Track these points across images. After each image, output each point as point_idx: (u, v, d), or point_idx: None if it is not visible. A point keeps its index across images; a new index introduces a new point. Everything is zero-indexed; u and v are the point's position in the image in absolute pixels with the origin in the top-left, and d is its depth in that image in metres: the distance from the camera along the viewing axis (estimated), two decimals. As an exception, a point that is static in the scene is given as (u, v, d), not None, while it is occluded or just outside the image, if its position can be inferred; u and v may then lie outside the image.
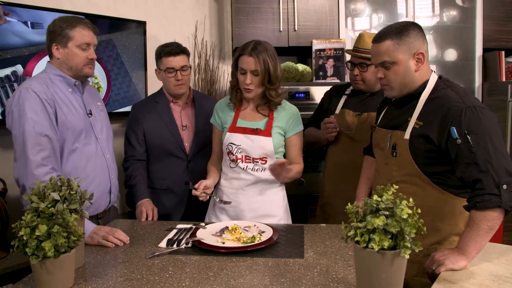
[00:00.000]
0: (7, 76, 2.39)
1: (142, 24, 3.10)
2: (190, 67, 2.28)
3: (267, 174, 1.97)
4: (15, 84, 2.42)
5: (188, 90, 2.35)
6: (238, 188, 2.00)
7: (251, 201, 1.99)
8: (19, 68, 2.44)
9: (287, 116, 2.00)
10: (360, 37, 2.23)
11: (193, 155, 2.30)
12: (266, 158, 1.98)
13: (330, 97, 2.43)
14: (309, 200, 3.01)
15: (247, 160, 1.98)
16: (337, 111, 2.32)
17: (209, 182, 1.94)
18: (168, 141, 2.26)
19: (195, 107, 2.37)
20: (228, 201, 1.98)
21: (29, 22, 2.44)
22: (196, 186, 1.87)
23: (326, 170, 2.41)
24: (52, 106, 1.75)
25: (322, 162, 2.86)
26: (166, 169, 2.27)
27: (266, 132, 1.96)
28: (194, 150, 2.30)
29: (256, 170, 1.98)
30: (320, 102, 2.51)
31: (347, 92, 2.35)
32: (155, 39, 3.16)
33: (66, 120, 1.79)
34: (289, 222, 2.08)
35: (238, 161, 1.98)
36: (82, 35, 1.80)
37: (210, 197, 1.92)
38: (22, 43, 2.43)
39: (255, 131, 1.96)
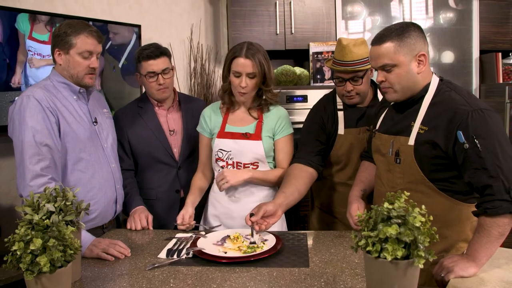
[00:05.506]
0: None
1: (137, 28, 3.05)
2: (173, 69, 2.16)
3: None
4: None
5: (173, 93, 2.23)
6: (230, 196, 1.95)
7: (242, 209, 1.91)
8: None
9: (276, 118, 1.95)
10: (344, 48, 1.89)
11: (183, 161, 2.19)
12: (258, 163, 1.93)
13: (325, 118, 2.05)
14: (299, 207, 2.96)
15: (238, 167, 1.92)
16: (340, 132, 2.02)
17: (190, 210, 1.89)
18: (156, 148, 2.14)
19: (181, 110, 2.25)
20: (217, 225, 1.97)
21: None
22: (179, 221, 1.83)
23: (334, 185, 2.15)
24: (54, 114, 1.69)
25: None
26: (155, 178, 2.16)
27: (256, 136, 1.91)
28: (183, 155, 2.19)
29: None
30: (311, 125, 2.08)
31: (339, 106, 2.05)
32: (150, 42, 3.11)
33: (70, 129, 1.73)
34: (283, 230, 1.98)
35: (229, 167, 1.92)
36: (85, 43, 1.72)
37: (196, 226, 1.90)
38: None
39: (245, 136, 1.91)
